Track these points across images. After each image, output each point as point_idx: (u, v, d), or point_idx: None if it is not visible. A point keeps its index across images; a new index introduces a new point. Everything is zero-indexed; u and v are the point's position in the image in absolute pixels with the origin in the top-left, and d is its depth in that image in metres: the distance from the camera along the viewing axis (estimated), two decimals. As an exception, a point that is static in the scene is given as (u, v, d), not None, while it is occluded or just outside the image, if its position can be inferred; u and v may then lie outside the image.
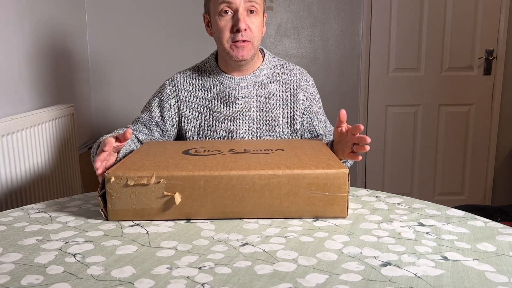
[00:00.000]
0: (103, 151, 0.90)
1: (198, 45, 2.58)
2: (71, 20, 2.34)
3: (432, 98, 2.72)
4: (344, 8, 2.62)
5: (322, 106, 1.35)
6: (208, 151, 1.01)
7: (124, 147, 1.07)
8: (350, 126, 1.02)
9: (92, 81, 2.60)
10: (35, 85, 1.93)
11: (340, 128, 1.05)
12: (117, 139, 0.95)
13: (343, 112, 1.04)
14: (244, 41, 1.16)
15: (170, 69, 2.56)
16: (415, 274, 0.65)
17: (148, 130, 1.27)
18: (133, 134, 1.25)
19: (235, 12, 1.15)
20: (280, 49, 2.65)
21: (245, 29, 1.15)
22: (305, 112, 1.29)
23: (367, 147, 0.97)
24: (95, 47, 2.57)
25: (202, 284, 0.62)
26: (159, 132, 1.28)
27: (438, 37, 2.64)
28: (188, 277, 0.64)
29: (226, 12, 1.15)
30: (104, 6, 2.53)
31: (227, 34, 1.17)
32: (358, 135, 0.98)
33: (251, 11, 1.16)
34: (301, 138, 1.31)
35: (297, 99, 1.27)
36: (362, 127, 0.95)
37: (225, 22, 1.16)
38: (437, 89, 2.70)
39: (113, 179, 0.83)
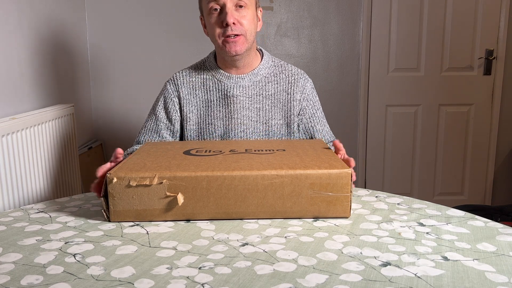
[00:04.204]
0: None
1: (198, 44, 2.58)
2: (71, 20, 2.34)
3: (432, 98, 2.72)
4: (344, 8, 2.62)
5: (321, 109, 1.34)
6: (209, 151, 1.01)
7: None
8: (346, 157, 1.02)
9: (92, 81, 2.60)
10: (35, 85, 1.93)
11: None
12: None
13: (337, 144, 1.06)
14: (235, 35, 1.18)
15: (170, 68, 2.56)
16: (415, 274, 0.65)
17: (159, 135, 1.28)
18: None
19: (223, 8, 1.18)
20: (280, 49, 2.65)
21: (233, 23, 1.17)
22: (300, 112, 1.29)
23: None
24: (95, 47, 2.57)
25: (202, 284, 0.62)
26: (169, 134, 1.29)
27: (438, 37, 2.64)
28: (188, 277, 0.64)
29: (215, 9, 1.18)
30: (104, 5, 2.53)
31: (218, 30, 1.19)
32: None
33: (240, 6, 1.18)
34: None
35: (294, 99, 1.27)
36: (353, 163, 0.94)
37: (215, 19, 1.19)
38: (437, 89, 2.70)
39: (115, 180, 0.83)
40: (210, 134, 1.26)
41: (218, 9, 1.18)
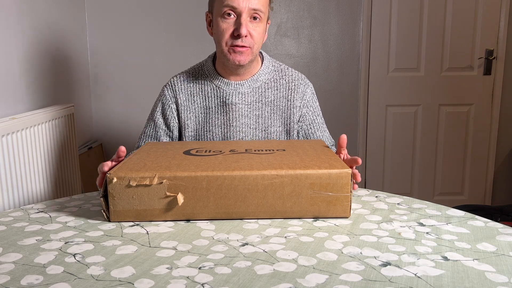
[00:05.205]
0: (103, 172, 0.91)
1: (198, 46, 2.58)
2: (71, 20, 2.34)
3: (432, 98, 2.72)
4: (344, 8, 2.62)
5: (321, 115, 1.32)
6: (209, 151, 1.01)
7: None
8: (349, 157, 1.00)
9: (92, 81, 2.61)
10: (35, 85, 1.93)
11: (339, 155, 1.03)
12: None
13: (343, 138, 1.02)
14: (243, 46, 1.14)
15: (169, 70, 2.56)
16: (415, 274, 0.65)
17: (158, 141, 1.27)
18: None
19: (238, 16, 1.13)
20: (280, 49, 2.65)
21: (245, 36, 1.13)
22: (300, 119, 1.27)
23: (355, 186, 0.98)
24: (95, 47, 2.57)
25: (202, 284, 0.62)
26: (168, 140, 1.27)
27: (438, 37, 2.64)
28: (188, 277, 0.64)
29: (229, 15, 1.13)
30: (104, 6, 2.53)
31: (227, 37, 1.14)
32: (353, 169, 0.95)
33: (255, 18, 1.14)
34: None
35: (294, 106, 1.25)
36: (360, 161, 0.93)
37: (227, 25, 1.14)
38: (437, 89, 2.70)
39: (115, 179, 0.83)
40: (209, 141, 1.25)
41: (232, 16, 1.13)
